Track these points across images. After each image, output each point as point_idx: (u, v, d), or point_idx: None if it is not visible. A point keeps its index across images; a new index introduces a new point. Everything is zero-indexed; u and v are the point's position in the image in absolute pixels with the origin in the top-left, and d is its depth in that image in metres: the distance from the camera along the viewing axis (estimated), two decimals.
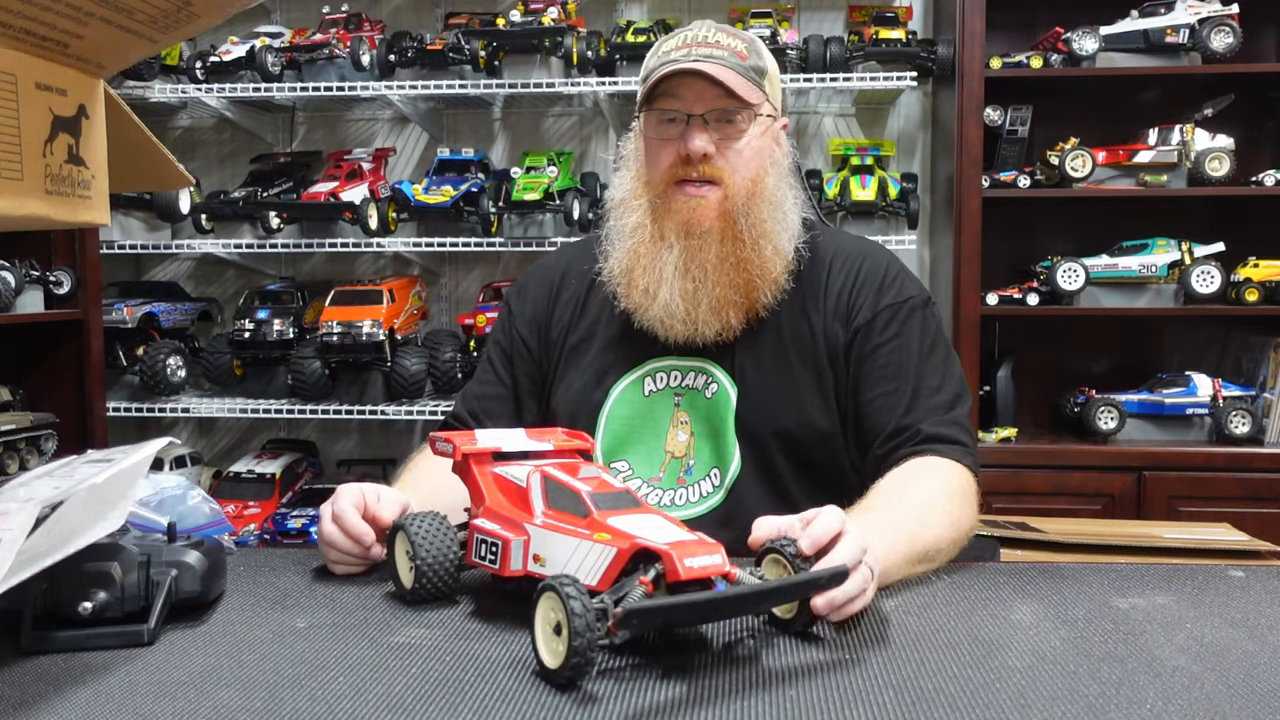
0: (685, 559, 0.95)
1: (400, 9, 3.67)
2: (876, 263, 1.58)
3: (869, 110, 3.54)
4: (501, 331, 1.71)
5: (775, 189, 1.53)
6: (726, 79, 1.46)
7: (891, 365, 1.50)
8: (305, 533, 3.11)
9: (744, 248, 1.49)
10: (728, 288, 1.49)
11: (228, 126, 3.70)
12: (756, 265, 1.49)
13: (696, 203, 1.49)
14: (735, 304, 1.50)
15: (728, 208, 1.49)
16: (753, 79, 1.50)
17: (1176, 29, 3.04)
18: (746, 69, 1.50)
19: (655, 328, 1.53)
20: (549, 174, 3.25)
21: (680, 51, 1.51)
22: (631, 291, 1.53)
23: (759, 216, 1.50)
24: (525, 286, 1.73)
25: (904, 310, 1.53)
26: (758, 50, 1.54)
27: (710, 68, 1.47)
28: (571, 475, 1.11)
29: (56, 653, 1.04)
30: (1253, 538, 1.58)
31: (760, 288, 1.50)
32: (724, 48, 1.50)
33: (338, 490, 1.33)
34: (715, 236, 1.49)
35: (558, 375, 1.64)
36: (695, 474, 1.52)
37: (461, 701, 0.90)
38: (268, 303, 3.39)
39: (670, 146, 1.50)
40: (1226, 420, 2.98)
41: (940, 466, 1.43)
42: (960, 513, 1.37)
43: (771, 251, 1.50)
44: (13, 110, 0.97)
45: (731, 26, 1.57)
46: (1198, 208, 3.23)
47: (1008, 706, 0.89)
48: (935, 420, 1.46)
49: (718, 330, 1.50)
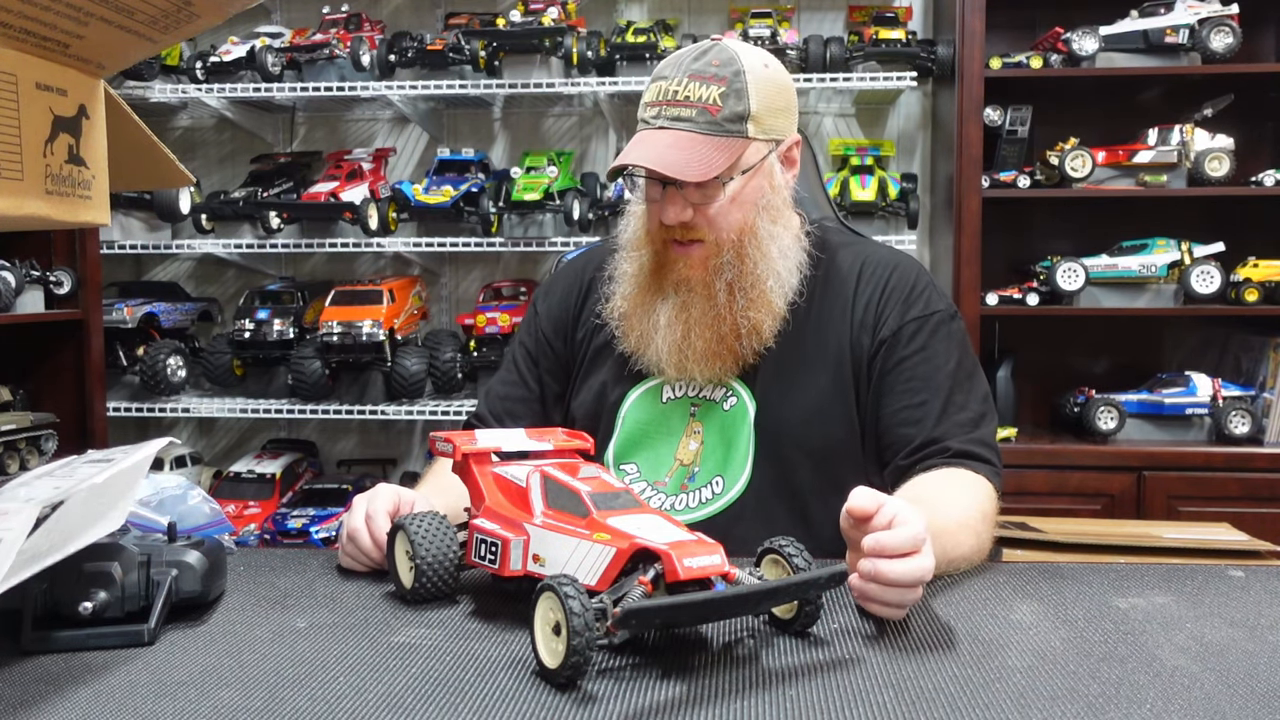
0: (684, 559, 0.95)
1: (400, 9, 3.68)
2: (905, 275, 1.57)
3: (869, 110, 3.54)
4: (527, 333, 1.72)
5: (766, 233, 1.51)
6: (679, 163, 1.41)
7: (917, 378, 1.50)
8: (305, 533, 3.11)
9: (719, 305, 1.49)
10: (711, 340, 1.50)
11: (228, 126, 3.70)
12: (736, 320, 1.49)
13: (684, 261, 1.51)
14: (720, 354, 1.51)
15: (712, 264, 1.50)
16: (727, 132, 1.44)
17: (1176, 29, 3.04)
18: (720, 124, 1.44)
19: (651, 371, 1.56)
20: (549, 174, 3.25)
21: (652, 111, 1.47)
22: (629, 336, 1.56)
23: (744, 268, 1.49)
24: (552, 287, 1.73)
25: (931, 323, 1.53)
26: (738, 89, 1.44)
27: (671, 144, 1.43)
28: (571, 475, 1.11)
29: (56, 653, 1.04)
30: (1253, 538, 1.58)
31: (742, 339, 1.50)
32: (694, 104, 1.44)
33: (375, 490, 1.34)
34: (699, 293, 1.51)
35: (581, 375, 1.65)
36: (698, 480, 1.52)
37: (461, 701, 0.90)
38: (268, 303, 3.40)
39: (655, 207, 1.51)
40: (1226, 420, 2.98)
41: (976, 484, 1.42)
42: (986, 532, 1.38)
43: (755, 303, 1.49)
44: (13, 110, 0.97)
45: (729, 47, 1.48)
46: (1197, 208, 3.23)
47: (1008, 706, 0.89)
48: (964, 437, 1.46)
49: (709, 377, 1.52)
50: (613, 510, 1.05)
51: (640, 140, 1.47)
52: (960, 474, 1.43)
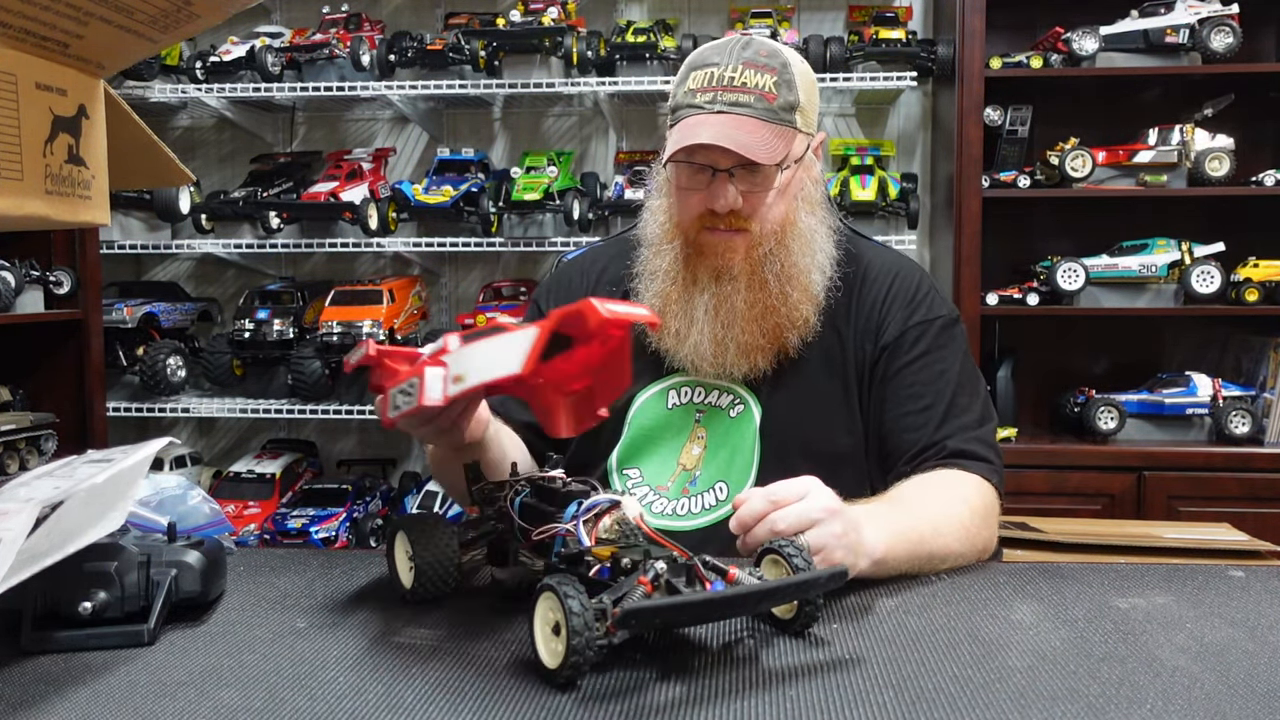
0: (604, 304, 0.92)
1: (400, 9, 3.68)
2: (908, 280, 1.57)
3: (869, 110, 3.54)
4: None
5: (807, 224, 1.51)
6: (750, 145, 1.41)
7: (919, 384, 1.50)
8: (305, 533, 3.11)
9: (770, 295, 1.47)
10: (755, 333, 1.48)
11: (228, 126, 3.70)
12: (784, 312, 1.48)
13: (725, 247, 1.49)
14: (762, 348, 1.49)
15: (756, 254, 1.48)
16: (783, 120, 1.45)
17: (1176, 29, 3.04)
18: (776, 112, 1.44)
19: (685, 368, 1.54)
20: (549, 174, 3.25)
21: (706, 96, 1.45)
22: (663, 334, 1.53)
23: (789, 259, 1.48)
24: (560, 282, 1.72)
25: (933, 329, 1.53)
26: (788, 80, 1.45)
27: (735, 127, 1.42)
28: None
29: (56, 653, 1.04)
30: (1253, 538, 1.58)
31: (788, 331, 1.49)
32: (752, 90, 1.43)
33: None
34: (743, 283, 1.48)
35: None
36: (699, 485, 1.51)
37: (461, 701, 0.90)
38: (268, 303, 3.40)
39: (698, 195, 1.48)
40: (1226, 420, 2.98)
41: (967, 481, 1.43)
42: (978, 530, 1.37)
43: (800, 294, 1.48)
44: (13, 110, 0.97)
45: (768, 41, 1.49)
46: (1198, 208, 3.23)
47: (1008, 706, 0.89)
48: (963, 437, 1.46)
49: (745, 372, 1.50)
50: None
51: (699, 123, 1.44)
52: (950, 474, 1.43)
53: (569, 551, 1.06)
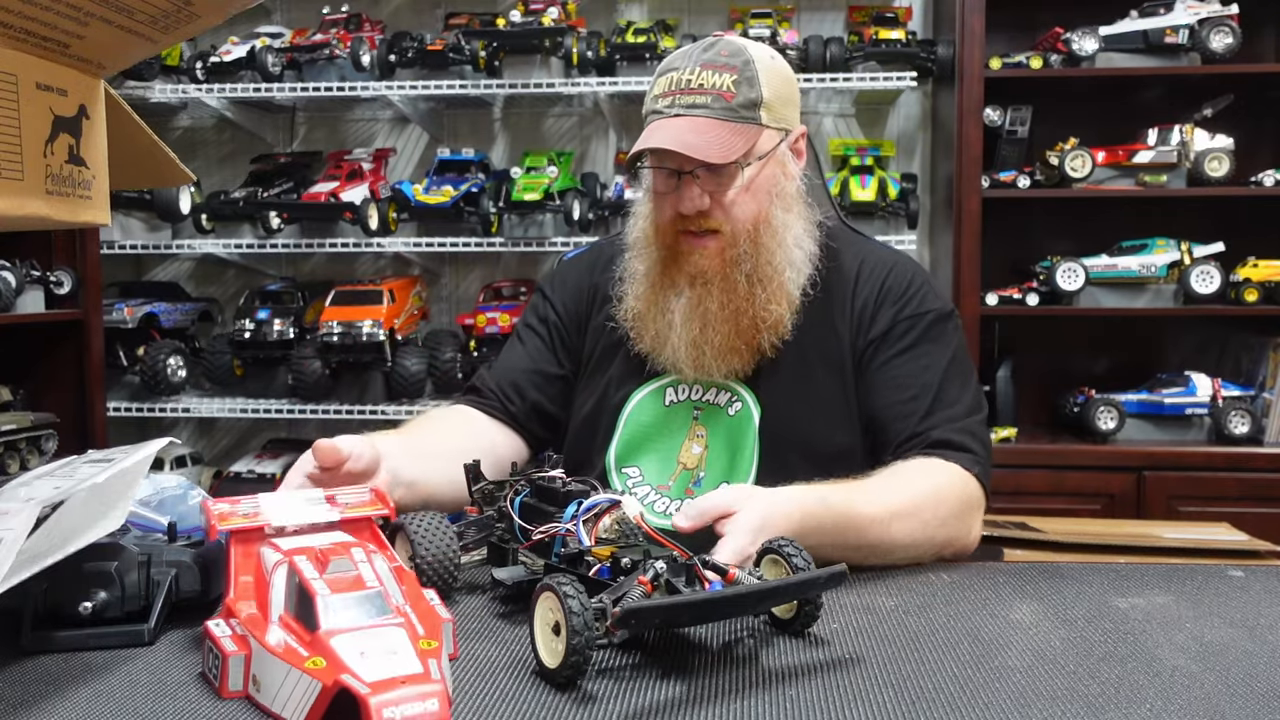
0: (385, 708, 0.77)
1: (400, 9, 3.68)
2: (901, 275, 1.57)
3: (869, 110, 3.54)
4: (535, 315, 1.70)
5: (781, 221, 1.51)
6: (699, 145, 1.42)
7: (905, 375, 1.50)
8: None
9: (739, 296, 1.48)
10: (730, 335, 1.49)
11: (228, 127, 3.70)
12: (753, 313, 1.48)
13: (700, 252, 1.50)
14: (739, 350, 1.50)
15: (729, 255, 1.49)
16: (743, 118, 1.45)
17: (1176, 29, 3.04)
18: (735, 110, 1.45)
19: (667, 369, 1.54)
20: (549, 174, 3.25)
21: (665, 100, 1.47)
22: (644, 335, 1.55)
23: (760, 258, 1.49)
24: (565, 276, 1.73)
25: (923, 322, 1.53)
26: (749, 77, 1.46)
27: (688, 129, 1.43)
28: (322, 568, 0.92)
29: (56, 653, 1.04)
30: (1252, 538, 1.58)
31: (761, 331, 1.49)
32: (709, 91, 1.45)
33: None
34: (716, 285, 1.49)
35: (588, 370, 1.64)
36: (704, 486, 1.51)
37: (462, 701, 0.90)
38: (268, 303, 3.40)
39: (670, 198, 1.50)
40: (1226, 420, 2.98)
41: (943, 470, 1.42)
42: (946, 520, 1.37)
43: (771, 293, 1.49)
44: (13, 110, 0.97)
45: (736, 40, 1.51)
46: (1197, 208, 3.23)
47: (1007, 706, 0.89)
48: (948, 427, 1.46)
49: (725, 373, 1.51)
50: (348, 625, 0.87)
51: (656, 128, 1.46)
52: (927, 463, 1.42)
53: (569, 551, 1.06)
